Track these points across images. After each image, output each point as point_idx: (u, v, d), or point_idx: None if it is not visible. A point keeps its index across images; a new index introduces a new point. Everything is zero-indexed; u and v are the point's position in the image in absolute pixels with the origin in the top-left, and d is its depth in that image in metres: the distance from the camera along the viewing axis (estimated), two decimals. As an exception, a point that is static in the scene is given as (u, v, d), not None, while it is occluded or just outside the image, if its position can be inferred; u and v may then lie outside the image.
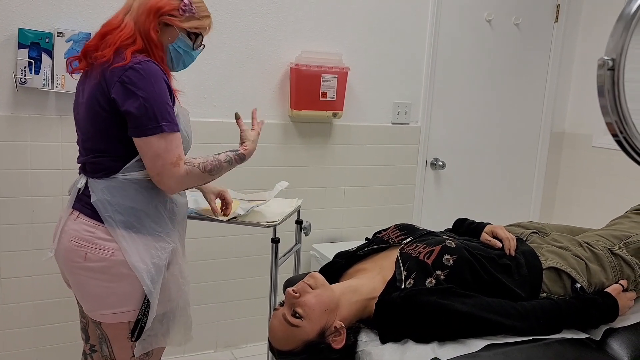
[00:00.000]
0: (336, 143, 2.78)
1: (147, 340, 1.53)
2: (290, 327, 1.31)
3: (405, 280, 1.39)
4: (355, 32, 2.72)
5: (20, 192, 2.20)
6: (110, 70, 1.41)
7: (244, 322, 2.75)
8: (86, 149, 1.52)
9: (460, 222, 1.72)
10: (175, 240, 1.55)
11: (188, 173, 1.46)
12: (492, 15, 3.03)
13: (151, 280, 1.47)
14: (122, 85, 1.39)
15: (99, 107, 1.43)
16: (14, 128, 2.15)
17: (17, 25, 2.08)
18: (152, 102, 1.40)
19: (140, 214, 1.47)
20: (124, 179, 1.47)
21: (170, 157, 1.42)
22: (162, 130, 1.40)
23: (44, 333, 2.34)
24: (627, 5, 0.70)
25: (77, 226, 1.47)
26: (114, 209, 1.45)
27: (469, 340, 1.31)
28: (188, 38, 1.56)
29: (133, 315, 1.49)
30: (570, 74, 3.34)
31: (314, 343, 1.31)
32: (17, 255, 2.23)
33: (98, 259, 1.44)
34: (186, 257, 1.64)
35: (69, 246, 1.48)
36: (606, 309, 1.43)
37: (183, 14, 1.52)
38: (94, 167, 1.49)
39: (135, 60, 1.42)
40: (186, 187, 1.51)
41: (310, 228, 2.27)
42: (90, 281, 1.47)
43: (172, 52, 1.56)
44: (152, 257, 1.47)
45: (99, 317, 1.51)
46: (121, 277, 1.46)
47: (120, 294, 1.47)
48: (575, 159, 3.32)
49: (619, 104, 0.69)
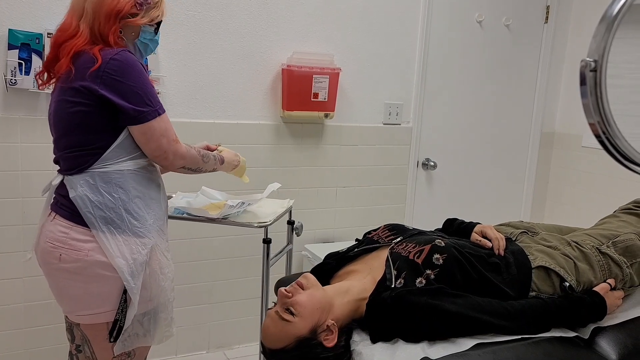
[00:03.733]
0: (328, 144, 2.78)
1: (127, 340, 1.52)
2: (282, 323, 1.32)
3: (395, 280, 1.39)
4: (346, 33, 2.73)
5: (11, 193, 2.19)
6: (89, 74, 1.40)
7: (236, 323, 2.75)
8: (60, 146, 1.51)
9: (450, 222, 1.73)
10: (155, 235, 1.54)
11: (188, 151, 1.55)
12: (483, 16, 3.05)
13: (131, 275, 1.45)
14: (109, 79, 1.40)
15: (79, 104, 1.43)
16: (4, 129, 2.14)
17: (7, 26, 2.08)
18: (143, 88, 1.44)
19: (120, 210, 1.46)
20: (102, 173, 1.46)
21: (170, 134, 1.50)
22: (159, 113, 1.47)
23: (34, 335, 2.32)
24: (610, 7, 0.71)
25: (53, 227, 1.47)
26: (93, 205, 1.44)
27: (458, 339, 1.32)
28: (150, 28, 1.57)
29: (110, 316, 1.48)
30: (560, 75, 3.36)
31: (306, 339, 1.32)
32: (7, 257, 2.22)
33: (72, 259, 1.44)
34: (170, 253, 1.62)
35: (45, 247, 1.48)
36: (594, 307, 1.44)
37: (141, 9, 1.51)
38: (69, 162, 1.48)
39: (110, 52, 1.43)
40: (185, 166, 1.57)
41: (302, 228, 2.28)
42: (66, 282, 1.47)
43: (140, 45, 1.57)
44: (132, 253, 1.46)
45: (77, 318, 1.51)
46: (97, 278, 1.45)
47: (96, 295, 1.46)
48: (565, 158, 3.34)
49: (601, 105, 0.70)
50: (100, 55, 1.41)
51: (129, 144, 1.49)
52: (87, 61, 1.42)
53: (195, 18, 2.41)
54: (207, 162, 1.66)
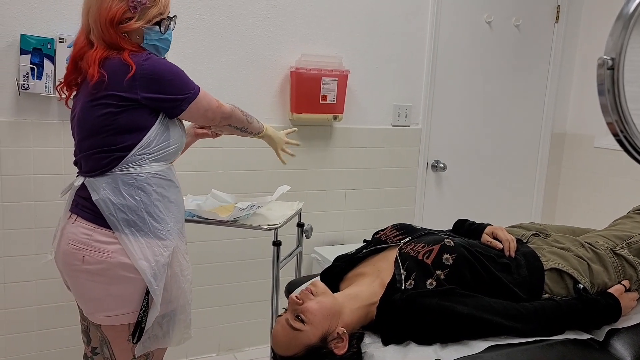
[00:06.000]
0: (337, 146, 2.78)
1: (147, 341, 1.54)
2: (292, 332, 1.31)
3: (405, 281, 1.39)
4: (355, 35, 2.73)
5: (23, 197, 2.20)
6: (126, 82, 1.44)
7: (246, 325, 2.75)
8: (83, 148, 1.52)
9: (461, 223, 1.72)
10: (176, 238, 1.55)
11: (233, 111, 1.68)
12: (492, 17, 3.03)
13: (154, 277, 1.47)
14: (147, 80, 1.45)
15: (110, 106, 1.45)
16: (16, 133, 2.16)
17: (20, 31, 2.09)
18: (176, 77, 1.51)
19: (142, 212, 1.48)
20: (124, 176, 1.47)
21: (212, 104, 1.61)
22: (196, 94, 1.55)
23: (47, 337, 2.34)
24: (626, 5, 0.71)
25: (75, 229, 1.48)
26: (115, 207, 1.46)
27: (471, 341, 1.31)
28: (154, 28, 1.54)
29: (132, 317, 1.50)
30: (572, 75, 3.34)
31: (316, 347, 1.31)
32: (20, 260, 2.24)
33: (96, 261, 1.45)
34: (188, 255, 1.64)
35: (67, 249, 1.48)
36: (609, 309, 1.42)
37: (135, 12, 1.49)
38: (92, 163, 1.50)
39: (141, 57, 1.46)
40: (230, 124, 1.71)
41: (311, 231, 2.27)
42: (88, 284, 1.48)
43: (147, 48, 1.55)
44: (155, 255, 1.48)
45: (98, 319, 1.52)
46: (119, 280, 1.46)
47: (118, 296, 1.48)
48: (576, 159, 3.31)
49: (619, 103, 0.69)
50: (133, 61, 1.44)
51: (152, 147, 1.51)
52: (119, 67, 1.44)
53: (204, 22, 2.42)
54: (252, 122, 1.78)
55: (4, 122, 2.14)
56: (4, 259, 2.21)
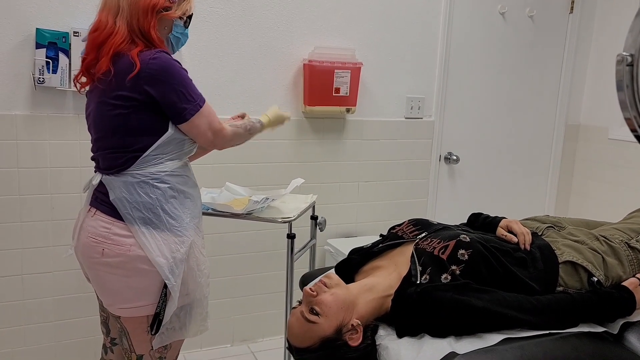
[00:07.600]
0: (350, 138, 2.78)
1: (165, 333, 1.56)
2: (307, 324, 1.33)
3: (420, 276, 1.39)
4: (367, 27, 2.72)
5: (40, 189, 2.24)
6: (129, 81, 1.43)
7: (260, 317, 2.78)
8: (100, 146, 1.55)
9: (476, 217, 1.72)
10: (192, 233, 1.57)
11: (234, 133, 1.65)
12: (506, 8, 3.00)
13: (171, 273, 1.49)
14: (151, 78, 1.44)
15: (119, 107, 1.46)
16: (32, 127, 2.19)
17: (35, 26, 2.12)
18: (183, 84, 1.49)
19: (157, 209, 1.50)
20: (139, 175, 1.50)
21: (215, 125, 1.57)
22: (200, 106, 1.52)
23: (64, 328, 2.38)
24: (646, 0, 0.70)
25: (95, 223, 1.51)
26: (131, 206, 1.48)
27: (485, 334, 1.31)
28: (181, 21, 1.60)
29: (151, 309, 1.52)
30: (586, 66, 3.30)
31: (331, 339, 1.32)
32: (38, 252, 2.28)
33: (115, 254, 1.48)
34: (205, 249, 1.66)
35: (87, 242, 1.51)
36: (623, 302, 1.42)
37: (174, 2, 1.54)
38: (108, 162, 1.52)
39: (148, 54, 1.45)
40: (234, 145, 1.70)
41: (325, 223, 2.28)
42: (108, 276, 1.51)
43: (173, 39, 1.61)
44: (172, 252, 1.50)
45: (118, 311, 1.55)
46: (138, 272, 1.49)
47: (137, 289, 1.50)
48: (590, 151, 3.29)
49: (637, 99, 0.69)
50: (139, 59, 1.44)
51: (167, 147, 1.52)
52: (127, 66, 1.44)
53: (218, 14, 2.43)
54: (252, 131, 1.76)
55: (20, 116, 2.17)
56: (22, 251, 2.25)
